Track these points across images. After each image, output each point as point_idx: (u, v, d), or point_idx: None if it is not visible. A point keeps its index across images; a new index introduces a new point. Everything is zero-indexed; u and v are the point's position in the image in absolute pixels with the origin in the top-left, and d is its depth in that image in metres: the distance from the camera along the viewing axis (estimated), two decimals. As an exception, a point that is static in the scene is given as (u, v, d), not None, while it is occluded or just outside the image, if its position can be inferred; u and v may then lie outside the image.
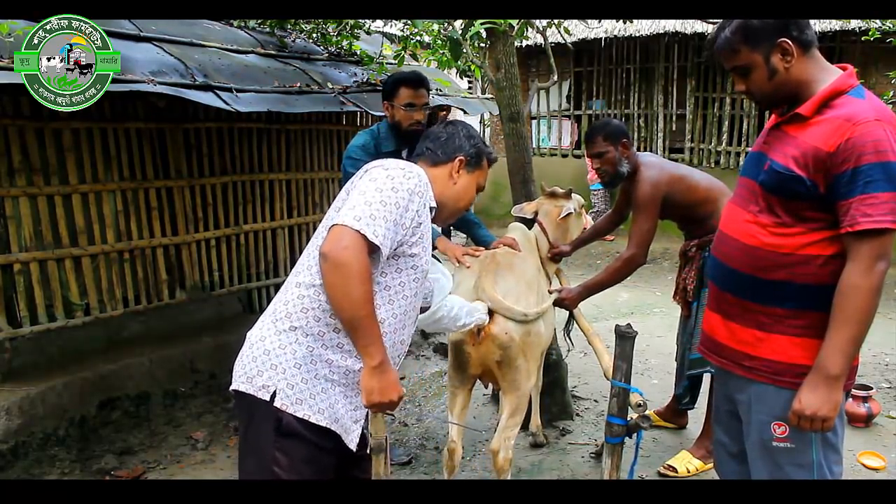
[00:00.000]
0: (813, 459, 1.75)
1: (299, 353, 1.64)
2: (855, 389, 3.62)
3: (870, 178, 1.55)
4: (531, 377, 2.66)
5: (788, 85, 1.70)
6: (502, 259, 2.71)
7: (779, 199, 1.71)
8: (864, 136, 1.56)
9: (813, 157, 1.62)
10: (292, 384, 1.62)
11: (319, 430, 1.64)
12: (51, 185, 3.48)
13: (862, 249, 1.58)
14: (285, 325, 1.65)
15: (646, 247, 2.91)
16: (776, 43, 1.66)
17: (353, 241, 1.52)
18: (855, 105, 1.62)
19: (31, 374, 3.40)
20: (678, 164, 3.25)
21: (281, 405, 1.61)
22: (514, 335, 2.52)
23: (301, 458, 1.64)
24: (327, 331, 1.64)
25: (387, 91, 2.97)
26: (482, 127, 10.82)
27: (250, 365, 1.68)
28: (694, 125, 8.47)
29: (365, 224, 1.53)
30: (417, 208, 1.65)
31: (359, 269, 1.51)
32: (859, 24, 6.25)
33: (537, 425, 3.43)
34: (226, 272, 4.44)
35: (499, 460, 2.58)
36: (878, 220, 1.55)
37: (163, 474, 3.23)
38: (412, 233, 1.66)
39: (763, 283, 1.75)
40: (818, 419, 1.63)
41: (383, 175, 1.63)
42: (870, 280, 1.58)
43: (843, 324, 1.60)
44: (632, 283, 7.19)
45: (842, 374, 1.62)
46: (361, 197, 1.58)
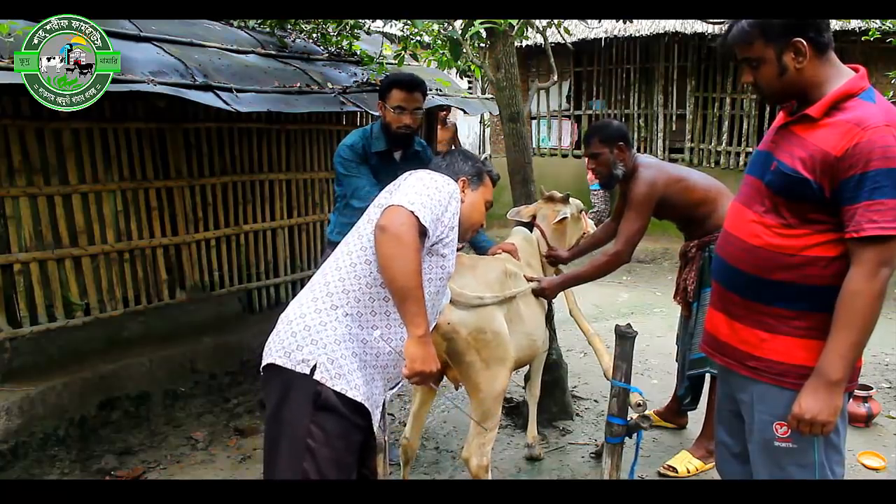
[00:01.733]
0: (815, 459, 1.75)
1: (339, 330, 1.73)
2: (855, 389, 3.62)
3: (877, 185, 1.54)
4: (495, 381, 2.50)
5: (798, 84, 1.69)
6: (467, 261, 2.67)
7: (784, 201, 1.70)
8: (872, 142, 1.55)
9: (821, 160, 1.61)
10: (332, 359, 1.70)
11: (354, 405, 1.72)
12: (51, 185, 3.48)
13: (866, 255, 1.57)
14: (326, 304, 1.75)
15: (632, 246, 2.90)
16: (790, 41, 1.65)
17: (409, 219, 1.66)
18: (865, 109, 1.61)
19: (31, 374, 3.40)
20: (676, 165, 3.26)
21: (321, 378, 1.68)
22: (459, 328, 2.41)
23: (335, 433, 1.70)
24: (365, 312, 1.76)
25: (381, 91, 2.96)
26: (482, 127, 10.82)
27: (289, 340, 1.74)
28: (694, 125, 8.47)
29: (419, 207, 1.67)
30: (454, 211, 1.81)
31: (414, 243, 1.65)
32: (859, 24, 6.25)
33: (533, 436, 3.29)
34: (226, 272, 4.44)
35: (472, 468, 2.51)
36: (884, 227, 1.54)
37: (163, 474, 3.23)
38: (447, 233, 1.80)
39: (767, 283, 1.75)
40: (818, 424, 1.63)
41: (429, 177, 1.80)
42: (873, 286, 1.57)
43: (844, 329, 1.60)
44: (632, 282, 7.23)
45: (842, 380, 1.62)
46: (412, 188, 1.73)
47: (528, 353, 2.82)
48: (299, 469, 1.67)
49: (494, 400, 2.54)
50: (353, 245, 1.82)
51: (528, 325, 2.76)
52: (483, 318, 2.48)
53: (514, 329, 2.65)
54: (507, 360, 2.57)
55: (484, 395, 2.50)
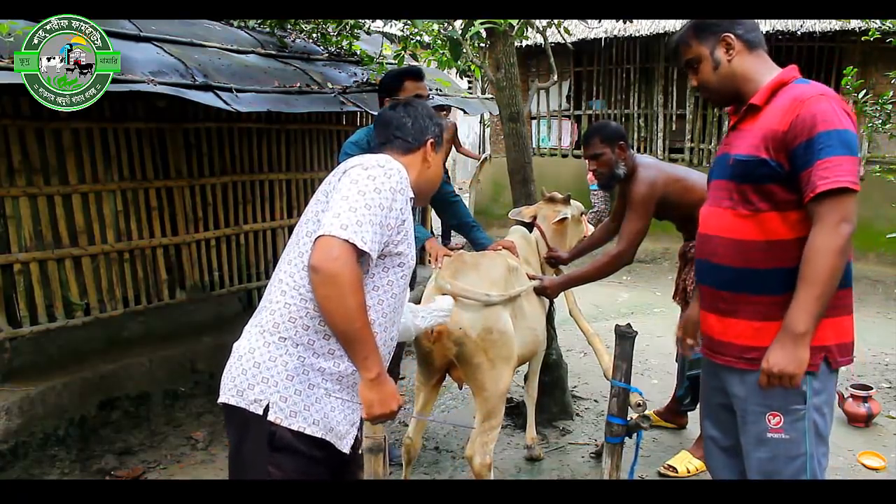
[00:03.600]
0: (806, 450, 1.79)
1: (290, 364, 1.60)
2: (855, 389, 3.62)
3: (822, 145, 1.65)
4: (500, 381, 2.54)
5: (732, 78, 1.86)
6: (469, 259, 2.68)
7: (750, 186, 1.79)
8: (811, 109, 1.68)
9: (772, 138, 1.73)
10: (285, 397, 1.59)
11: (313, 441, 1.62)
12: (51, 185, 3.48)
13: (823, 212, 1.65)
14: (274, 337, 1.61)
15: (635, 246, 2.91)
16: (721, 37, 1.84)
17: (343, 252, 1.48)
18: (800, 87, 1.76)
19: (31, 374, 3.40)
20: (675, 165, 3.26)
21: (275, 419, 1.58)
22: (469, 331, 2.44)
23: (294, 471, 1.62)
24: (317, 338, 1.61)
25: (388, 85, 2.91)
26: (482, 127, 10.82)
27: (240, 378, 1.62)
28: (694, 125, 8.47)
29: (353, 232, 1.49)
30: (401, 206, 1.63)
31: (351, 279, 1.49)
32: (859, 24, 6.24)
33: (532, 438, 3.30)
34: (226, 272, 4.44)
35: (475, 466, 2.53)
36: (836, 181, 1.62)
37: (163, 474, 3.23)
38: (397, 231, 1.64)
39: (751, 273, 1.81)
40: (786, 376, 1.69)
41: (364, 176, 1.59)
42: (833, 241, 1.63)
43: (808, 284, 1.66)
44: (632, 282, 7.23)
45: (807, 332, 1.68)
46: (345, 203, 1.54)
47: (530, 348, 2.86)
48: None
49: (499, 398, 2.57)
50: (296, 263, 1.64)
51: (530, 321, 2.81)
52: (490, 318, 2.51)
53: (518, 325, 2.68)
54: (512, 358, 2.60)
55: (489, 393, 2.53)
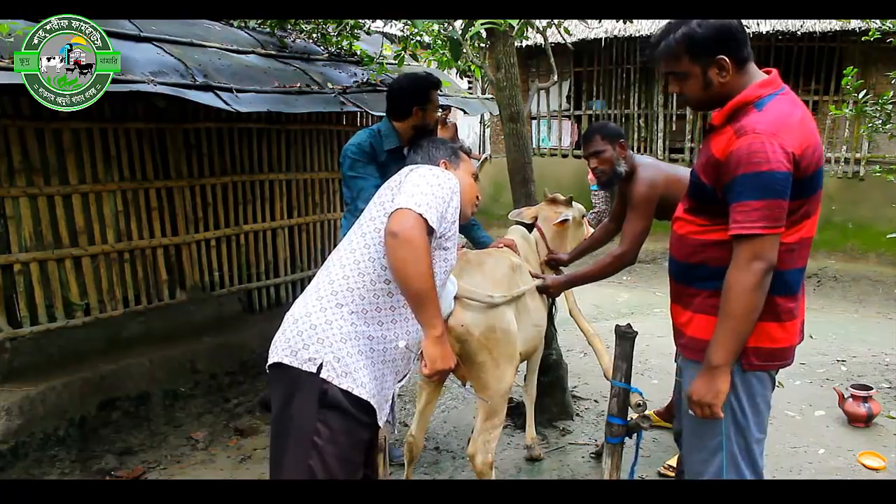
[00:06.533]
0: (722, 431, 1.86)
1: (345, 328, 1.74)
2: (855, 389, 3.62)
3: (742, 187, 1.67)
4: (503, 379, 2.54)
5: (721, 95, 1.81)
6: (473, 258, 2.68)
7: (695, 200, 1.89)
8: (741, 148, 1.67)
9: (712, 165, 1.76)
10: (338, 357, 1.71)
11: (360, 403, 1.73)
12: (51, 185, 3.48)
13: (737, 251, 1.71)
14: (331, 303, 1.76)
15: (638, 246, 2.91)
16: (715, 59, 1.76)
17: (418, 222, 1.66)
18: (750, 117, 1.71)
19: (31, 374, 3.40)
20: (675, 165, 3.27)
21: (327, 376, 1.70)
22: (472, 329, 2.44)
23: (341, 430, 1.71)
24: (370, 309, 1.77)
25: (420, 97, 2.87)
26: (482, 127, 10.82)
27: (295, 339, 1.75)
28: (694, 125, 8.47)
29: (425, 209, 1.68)
30: (456, 205, 1.83)
31: (425, 245, 1.66)
32: (859, 24, 6.25)
33: (532, 438, 3.30)
34: (226, 272, 4.44)
35: (476, 464, 2.54)
36: (745, 227, 1.67)
37: (163, 474, 3.23)
38: (450, 227, 1.82)
39: (689, 266, 1.91)
40: (704, 405, 1.77)
41: (430, 173, 1.80)
42: (746, 279, 1.68)
43: (725, 318, 1.73)
44: (632, 282, 7.23)
45: (723, 365, 1.74)
46: (416, 188, 1.73)
47: (533, 344, 2.88)
48: (305, 466, 1.68)
49: (501, 397, 2.58)
50: (357, 242, 1.83)
51: (535, 318, 2.83)
52: (494, 317, 2.51)
53: (522, 322, 2.70)
54: (515, 357, 2.62)
55: (492, 392, 2.54)
